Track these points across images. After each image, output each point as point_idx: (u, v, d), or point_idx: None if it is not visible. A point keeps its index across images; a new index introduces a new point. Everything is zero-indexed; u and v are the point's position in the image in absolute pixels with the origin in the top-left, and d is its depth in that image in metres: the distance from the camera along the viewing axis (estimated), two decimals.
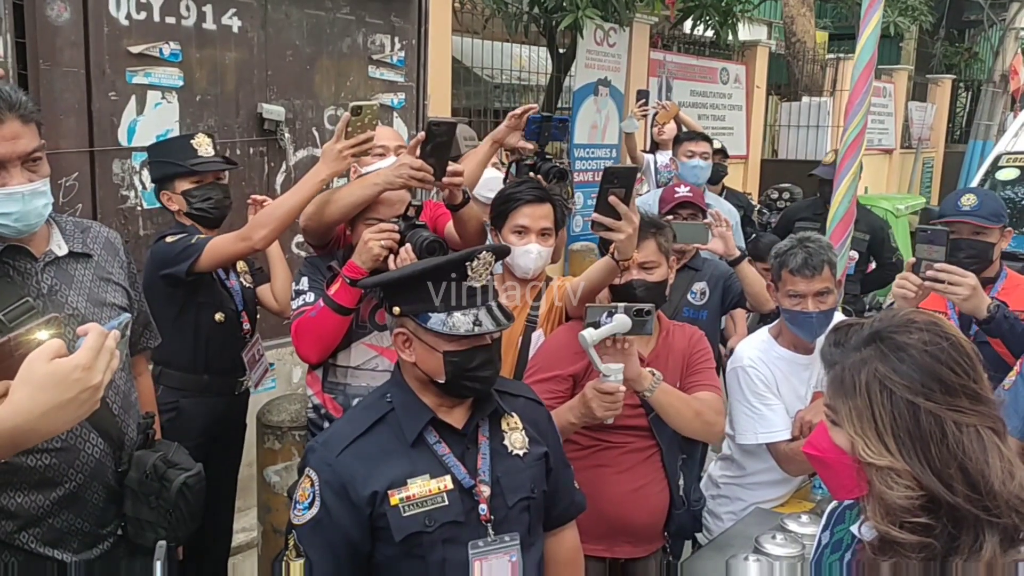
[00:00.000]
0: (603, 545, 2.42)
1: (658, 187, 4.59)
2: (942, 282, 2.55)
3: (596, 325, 2.16)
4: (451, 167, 2.49)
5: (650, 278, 2.45)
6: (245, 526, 3.80)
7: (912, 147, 13.89)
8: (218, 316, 2.93)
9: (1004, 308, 2.56)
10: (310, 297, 2.47)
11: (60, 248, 1.90)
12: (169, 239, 2.78)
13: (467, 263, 1.77)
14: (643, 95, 5.87)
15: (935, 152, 14.67)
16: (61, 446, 1.85)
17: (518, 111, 2.80)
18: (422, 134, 2.40)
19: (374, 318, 2.49)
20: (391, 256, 2.37)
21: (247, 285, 3.13)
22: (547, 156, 2.82)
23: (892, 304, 2.84)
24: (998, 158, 5.05)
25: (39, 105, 1.87)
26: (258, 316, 3.22)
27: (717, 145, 5.73)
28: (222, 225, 2.98)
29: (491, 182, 3.07)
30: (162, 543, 1.95)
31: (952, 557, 1.19)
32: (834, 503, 1.54)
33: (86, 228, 2.01)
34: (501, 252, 1.99)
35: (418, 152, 2.39)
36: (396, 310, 1.82)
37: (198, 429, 2.84)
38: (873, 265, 4.99)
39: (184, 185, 2.90)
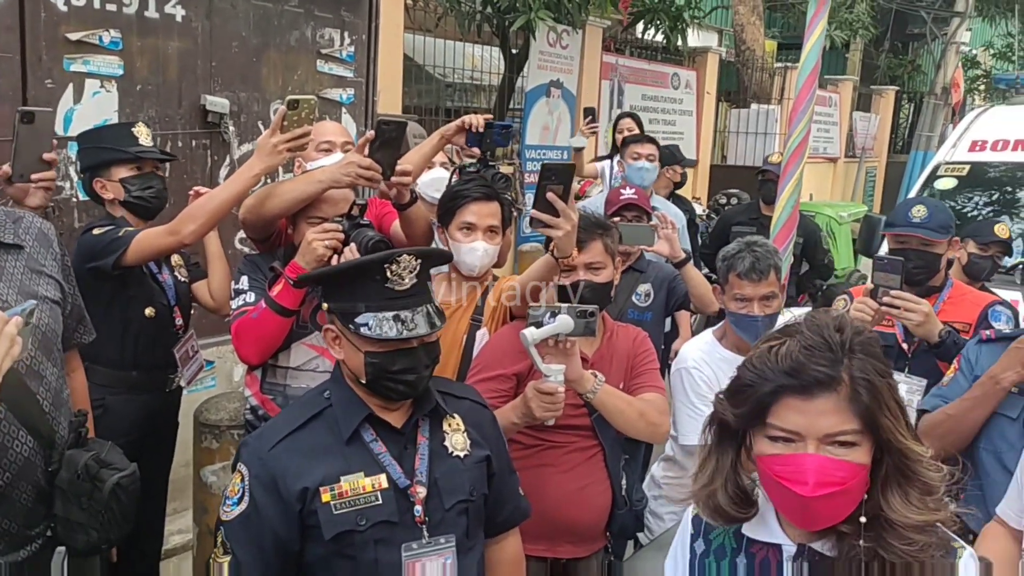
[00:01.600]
0: (544, 545, 2.41)
1: None
2: (898, 308, 2.64)
3: (539, 325, 2.15)
4: (399, 166, 2.46)
5: (596, 279, 2.45)
6: (181, 528, 3.72)
7: (856, 156, 14.23)
8: (148, 311, 2.85)
9: (954, 334, 2.67)
10: (250, 297, 2.42)
11: None
12: (96, 231, 2.69)
13: (386, 265, 1.73)
14: (590, 112, 5.90)
15: (878, 161, 15.05)
16: None
17: (474, 120, 2.79)
18: (371, 132, 2.37)
19: (315, 318, 2.44)
20: (335, 256, 2.33)
21: (181, 279, 3.05)
22: (490, 163, 2.80)
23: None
24: (937, 168, 5.19)
25: None
26: (193, 312, 3.15)
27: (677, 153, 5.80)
28: (155, 219, 2.91)
29: (438, 182, 3.05)
30: (61, 549, 1.89)
31: None
32: (693, 510, 1.51)
33: (18, 219, 1.94)
34: (435, 256, 1.96)
35: (367, 150, 2.36)
36: (326, 306, 1.79)
37: (126, 428, 2.74)
38: (806, 267, 5.10)
39: (122, 172, 2.82)
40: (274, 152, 2.39)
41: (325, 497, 1.69)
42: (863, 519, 1.27)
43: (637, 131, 5.33)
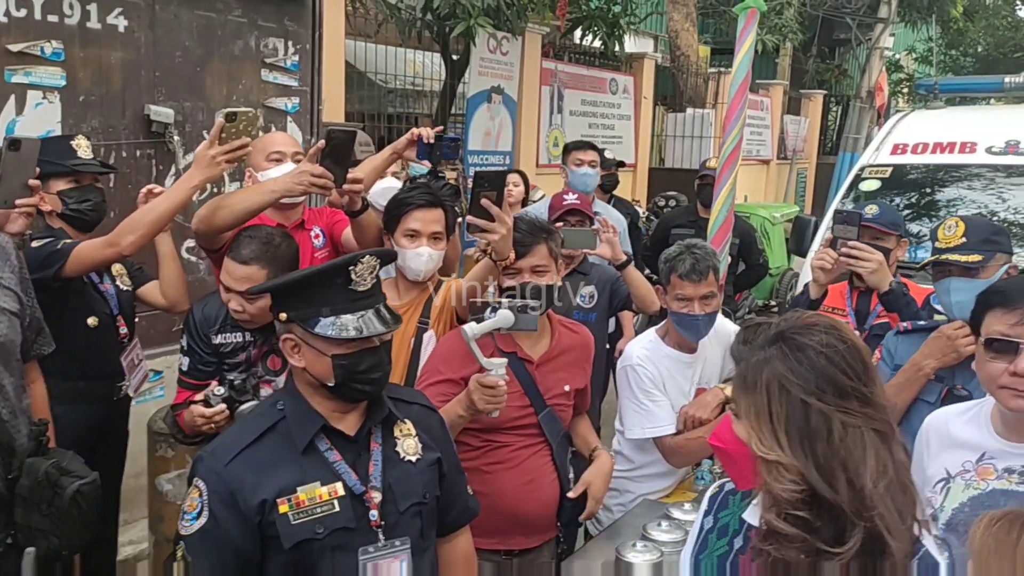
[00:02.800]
0: (497, 538, 2.49)
1: None
2: (855, 257, 2.81)
3: (480, 320, 2.24)
4: (350, 175, 2.53)
5: (541, 281, 2.53)
6: (133, 538, 3.71)
7: (787, 158, 14.66)
8: (91, 320, 2.86)
9: (903, 286, 2.87)
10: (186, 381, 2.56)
11: None
12: (35, 243, 2.69)
13: (351, 267, 1.79)
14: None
15: (808, 163, 15.52)
16: None
17: (424, 132, 2.86)
18: (322, 142, 2.43)
19: (266, 364, 2.51)
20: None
21: (123, 288, 3.05)
22: (440, 175, 2.88)
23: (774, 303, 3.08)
24: (862, 170, 5.41)
25: None
26: (141, 321, 3.15)
27: (610, 155, 5.94)
28: (96, 230, 2.91)
29: (388, 192, 3.12)
30: (30, 550, 1.91)
31: (825, 557, 1.27)
32: (714, 488, 1.63)
33: None
34: (386, 256, 2.01)
35: (318, 159, 2.42)
36: (283, 316, 1.82)
37: (74, 437, 2.72)
38: (743, 267, 5.29)
39: (60, 185, 2.82)
40: (212, 164, 2.41)
41: (283, 508, 1.73)
42: None
43: (522, 188, 5.59)
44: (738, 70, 3.70)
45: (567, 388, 2.58)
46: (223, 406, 2.35)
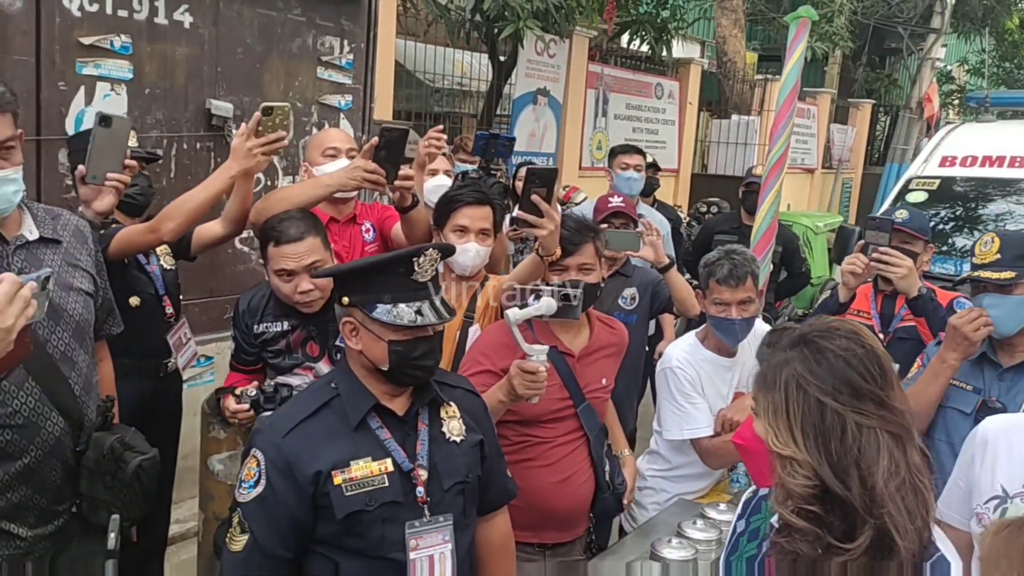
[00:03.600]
0: (531, 532, 2.55)
1: None
2: (885, 263, 2.87)
3: (523, 306, 2.31)
4: (402, 171, 2.62)
5: (587, 279, 2.57)
6: (179, 517, 3.83)
7: (832, 167, 14.51)
8: (132, 300, 2.95)
9: (931, 292, 2.92)
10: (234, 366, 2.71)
11: (31, 233, 1.97)
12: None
13: (414, 259, 1.87)
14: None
15: (854, 173, 15.34)
16: (23, 423, 1.92)
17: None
18: (375, 139, 2.52)
19: (306, 350, 2.60)
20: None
21: (168, 268, 3.15)
22: (492, 171, 2.96)
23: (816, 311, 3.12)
24: (909, 181, 5.38)
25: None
26: (189, 306, 3.25)
27: (649, 159, 5.96)
28: (144, 215, 3.01)
29: (439, 190, 3.21)
30: (116, 516, 2.02)
31: (835, 552, 1.32)
32: (749, 493, 1.67)
33: (57, 215, 2.08)
34: (446, 250, 2.09)
35: (371, 156, 2.51)
36: (345, 300, 1.91)
37: (124, 412, 2.86)
38: (784, 275, 5.29)
39: None
40: (249, 155, 2.50)
41: (337, 480, 1.82)
42: None
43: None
44: (787, 79, 3.72)
45: (604, 382, 2.64)
46: (247, 406, 2.48)
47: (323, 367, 2.57)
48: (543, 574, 2.58)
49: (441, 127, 2.87)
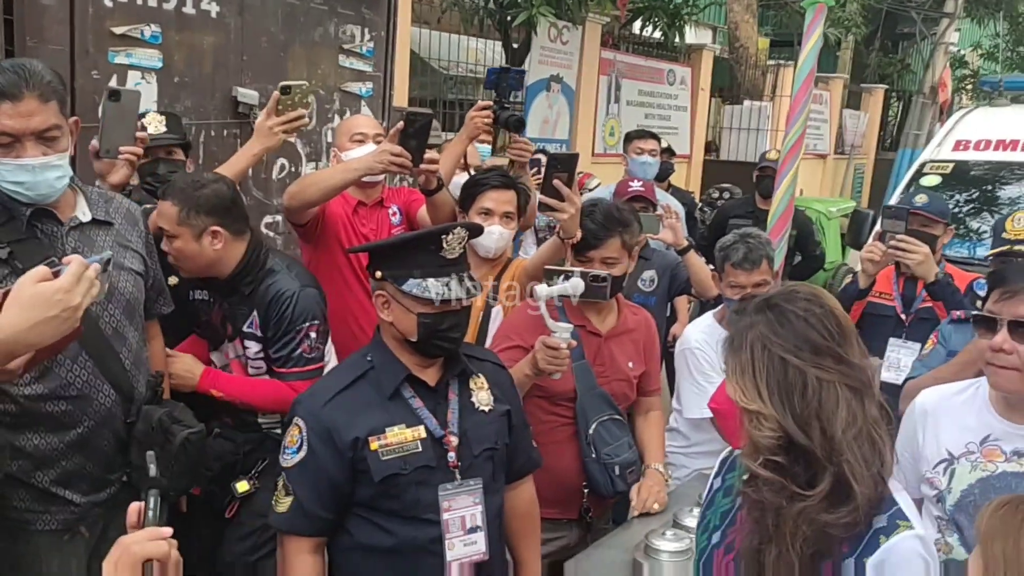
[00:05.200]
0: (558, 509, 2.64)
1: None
2: (902, 250, 2.97)
3: (552, 284, 2.40)
4: (427, 155, 2.70)
5: (611, 271, 2.61)
6: None
7: (845, 153, 14.51)
8: (171, 280, 3.06)
9: (948, 277, 3.03)
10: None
11: (84, 215, 2.07)
12: None
13: (443, 236, 1.98)
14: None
15: (866, 158, 15.33)
16: (77, 394, 2.02)
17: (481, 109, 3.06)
18: (401, 123, 2.61)
19: (224, 328, 2.62)
20: None
21: None
22: (506, 105, 3.05)
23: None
24: (923, 165, 5.44)
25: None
26: None
27: (664, 144, 6.03)
28: None
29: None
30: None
31: (798, 499, 1.41)
32: (725, 452, 1.77)
33: (110, 199, 2.18)
34: (474, 229, 2.18)
35: (397, 140, 2.60)
36: (378, 274, 2.02)
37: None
38: (799, 258, 5.36)
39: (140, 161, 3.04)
40: (270, 134, 2.63)
41: (373, 446, 1.94)
42: None
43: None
44: (804, 64, 3.78)
45: (631, 365, 2.72)
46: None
47: (237, 346, 2.60)
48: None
49: (489, 102, 2.96)
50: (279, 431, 2.54)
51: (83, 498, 2.11)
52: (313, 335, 2.54)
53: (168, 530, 1.17)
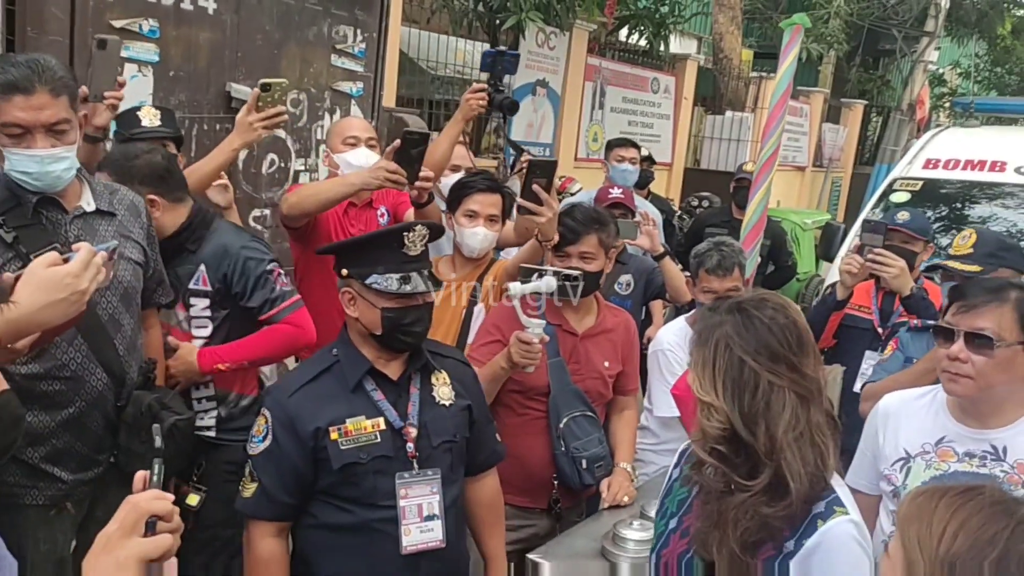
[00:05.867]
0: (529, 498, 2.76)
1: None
2: (879, 263, 3.09)
3: (527, 283, 2.53)
4: (422, 173, 2.83)
5: (587, 268, 2.75)
6: None
7: (823, 166, 14.74)
8: None
9: (923, 291, 3.14)
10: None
11: (89, 205, 2.16)
12: None
13: (405, 233, 2.10)
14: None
15: (844, 172, 15.57)
16: (70, 376, 2.12)
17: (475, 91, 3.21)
18: (398, 141, 2.74)
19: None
20: None
21: None
22: (500, 88, 3.18)
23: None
24: (893, 181, 5.61)
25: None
26: None
27: (644, 152, 6.17)
28: None
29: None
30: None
31: (739, 488, 1.55)
32: (684, 445, 1.90)
33: (114, 191, 2.27)
34: (435, 229, 2.29)
35: (393, 157, 2.73)
36: (344, 272, 2.13)
37: None
38: (772, 268, 5.52)
39: None
40: (250, 129, 2.75)
41: (333, 435, 2.06)
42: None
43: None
44: (780, 82, 3.93)
45: (607, 364, 2.84)
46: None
47: (178, 312, 2.65)
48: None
49: (483, 84, 3.08)
50: (212, 434, 2.65)
51: (71, 476, 2.20)
52: (281, 273, 2.65)
53: (171, 495, 1.27)
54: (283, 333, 2.62)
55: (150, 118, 3.16)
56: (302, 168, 4.52)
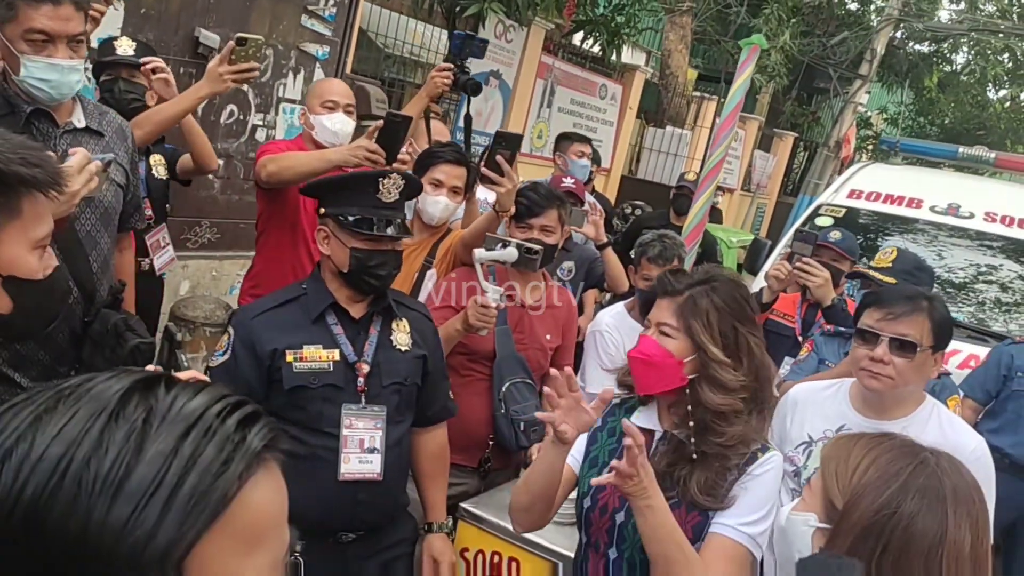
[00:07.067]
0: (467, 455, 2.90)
1: None
2: (806, 272, 3.32)
3: (490, 250, 2.67)
4: (400, 155, 2.94)
5: (546, 240, 2.92)
6: None
7: (751, 191, 15.29)
8: None
9: (843, 302, 3.38)
10: None
11: (79, 122, 2.20)
12: None
13: (380, 179, 2.22)
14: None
15: (769, 199, 16.17)
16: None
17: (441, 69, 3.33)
18: (379, 122, 2.84)
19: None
20: None
21: (156, 176, 3.42)
22: (466, 69, 3.32)
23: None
24: (820, 206, 5.96)
25: None
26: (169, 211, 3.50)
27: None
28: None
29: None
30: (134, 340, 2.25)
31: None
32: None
33: (104, 112, 2.31)
34: (414, 182, 2.40)
35: (374, 137, 2.82)
36: (322, 210, 2.25)
37: None
38: None
39: (102, 77, 3.23)
40: (220, 80, 2.79)
41: (288, 358, 2.17)
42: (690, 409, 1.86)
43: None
44: (733, 96, 4.17)
45: (549, 337, 3.00)
46: None
47: None
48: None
49: (450, 64, 3.20)
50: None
51: (29, 383, 2.22)
52: None
53: None
54: None
55: (125, 47, 3.19)
56: (260, 123, 4.55)
